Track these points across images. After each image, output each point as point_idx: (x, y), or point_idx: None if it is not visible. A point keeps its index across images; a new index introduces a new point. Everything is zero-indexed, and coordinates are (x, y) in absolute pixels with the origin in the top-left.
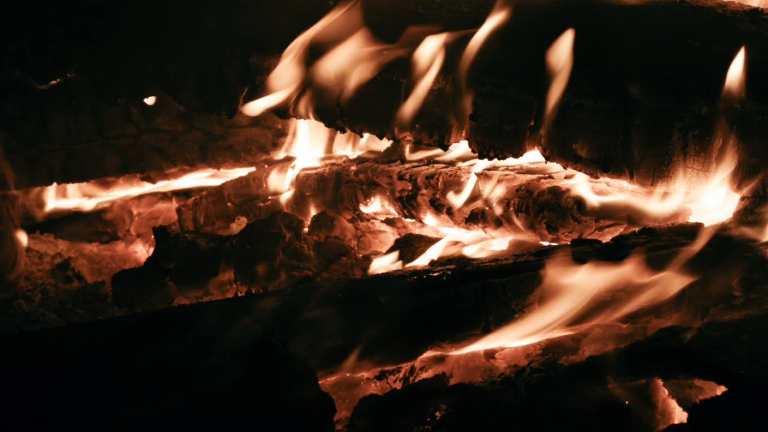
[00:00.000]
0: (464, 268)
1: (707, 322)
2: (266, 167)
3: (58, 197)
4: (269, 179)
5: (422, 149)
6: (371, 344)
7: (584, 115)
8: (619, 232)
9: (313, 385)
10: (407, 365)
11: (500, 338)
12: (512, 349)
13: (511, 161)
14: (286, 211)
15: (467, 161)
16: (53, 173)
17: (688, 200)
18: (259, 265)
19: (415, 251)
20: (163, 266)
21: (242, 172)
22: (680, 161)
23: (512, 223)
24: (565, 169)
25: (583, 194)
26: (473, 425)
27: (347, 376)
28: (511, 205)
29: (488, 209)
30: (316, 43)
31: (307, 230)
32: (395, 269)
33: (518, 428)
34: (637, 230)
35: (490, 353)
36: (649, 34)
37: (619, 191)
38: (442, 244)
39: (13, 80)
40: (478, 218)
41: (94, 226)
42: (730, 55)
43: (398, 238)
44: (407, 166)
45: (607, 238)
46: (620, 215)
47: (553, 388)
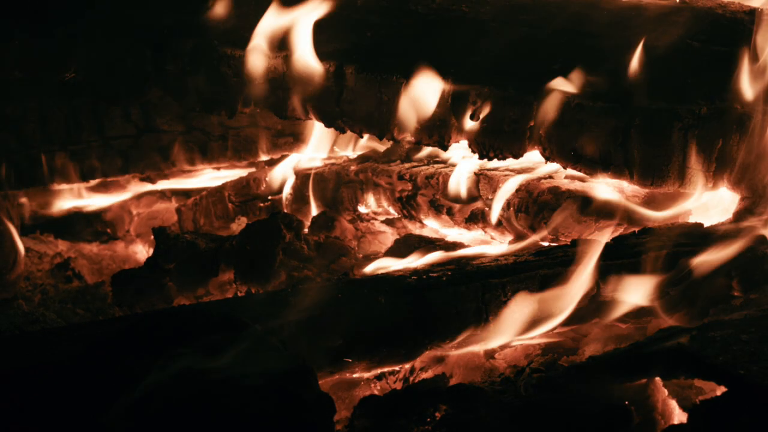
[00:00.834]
0: (464, 268)
1: (707, 322)
2: (266, 167)
3: (58, 197)
4: (269, 179)
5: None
6: (371, 344)
7: (584, 115)
8: (619, 232)
9: (313, 385)
10: (407, 365)
11: (500, 338)
12: (512, 349)
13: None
14: (286, 211)
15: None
16: (53, 173)
17: (688, 200)
18: (259, 265)
19: (415, 251)
20: (163, 266)
21: (242, 172)
22: (680, 161)
23: (512, 223)
24: (565, 169)
25: (582, 194)
26: (473, 426)
27: (347, 376)
28: (511, 205)
29: (488, 209)
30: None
31: (307, 230)
32: (395, 269)
33: (518, 428)
34: (637, 230)
35: (490, 353)
36: (649, 34)
37: (619, 191)
38: (442, 244)
39: (13, 80)
40: (478, 218)
41: (94, 226)
42: (730, 55)
43: (398, 238)
44: (407, 166)
45: (607, 238)
46: (620, 215)
47: (553, 388)
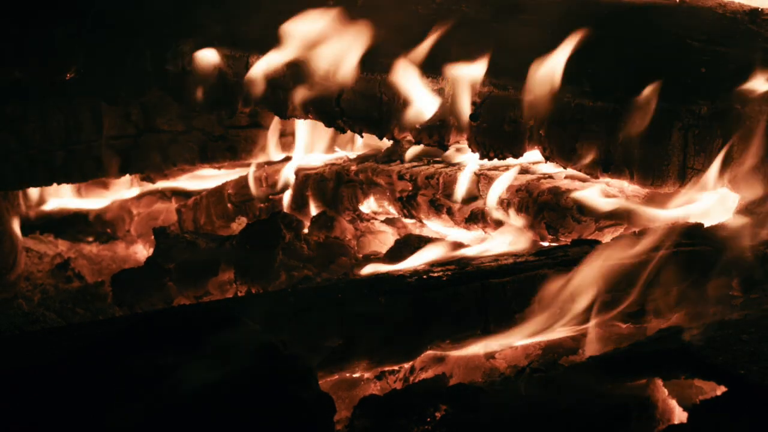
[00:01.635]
0: (464, 268)
1: (707, 322)
2: (266, 167)
3: (58, 197)
4: (269, 179)
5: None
6: (371, 344)
7: (584, 115)
8: (619, 232)
9: (313, 385)
10: (407, 365)
11: (500, 338)
12: (512, 349)
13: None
14: (286, 211)
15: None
16: (53, 173)
17: (688, 200)
18: (259, 265)
19: (415, 251)
20: (163, 266)
21: (242, 172)
22: (680, 161)
23: (512, 223)
24: (565, 169)
25: (582, 194)
26: (473, 426)
27: (347, 376)
28: (511, 205)
29: (488, 209)
30: (315, 41)
31: (307, 230)
32: (395, 269)
33: (518, 428)
34: (637, 230)
35: (490, 353)
36: (648, 34)
37: (619, 191)
38: (442, 244)
39: (13, 80)
40: (478, 218)
41: (94, 226)
42: (730, 55)
43: (398, 238)
44: (407, 165)
45: (607, 238)
46: (620, 215)
47: (553, 388)
